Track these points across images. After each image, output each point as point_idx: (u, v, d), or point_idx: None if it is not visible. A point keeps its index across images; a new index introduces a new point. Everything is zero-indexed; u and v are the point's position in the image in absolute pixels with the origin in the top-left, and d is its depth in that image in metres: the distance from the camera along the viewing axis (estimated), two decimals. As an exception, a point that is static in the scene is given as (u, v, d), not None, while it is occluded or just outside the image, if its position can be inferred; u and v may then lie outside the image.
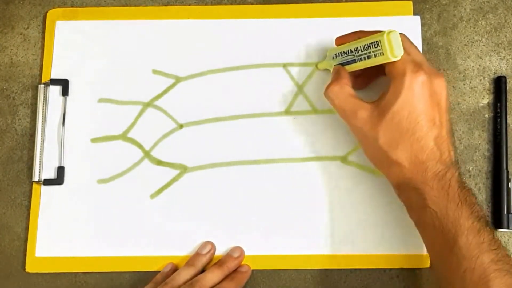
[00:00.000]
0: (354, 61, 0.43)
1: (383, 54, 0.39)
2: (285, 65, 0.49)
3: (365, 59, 0.41)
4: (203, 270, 0.45)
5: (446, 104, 0.40)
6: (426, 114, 0.39)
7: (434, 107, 0.39)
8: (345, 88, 0.42)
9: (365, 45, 0.41)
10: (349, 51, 0.43)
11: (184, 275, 0.43)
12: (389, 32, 0.39)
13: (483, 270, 0.35)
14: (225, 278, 0.44)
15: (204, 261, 0.45)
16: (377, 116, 0.40)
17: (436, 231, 0.38)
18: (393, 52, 0.39)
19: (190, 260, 0.45)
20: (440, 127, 0.39)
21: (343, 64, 0.44)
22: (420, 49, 0.49)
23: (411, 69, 0.39)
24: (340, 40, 0.45)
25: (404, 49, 0.39)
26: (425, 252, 0.45)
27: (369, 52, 0.41)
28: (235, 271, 0.45)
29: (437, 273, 0.40)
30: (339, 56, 0.44)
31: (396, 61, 0.39)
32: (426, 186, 0.39)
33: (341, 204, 0.46)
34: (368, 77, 0.46)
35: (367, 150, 0.43)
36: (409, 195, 0.40)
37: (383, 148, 0.40)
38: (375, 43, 0.40)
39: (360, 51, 0.41)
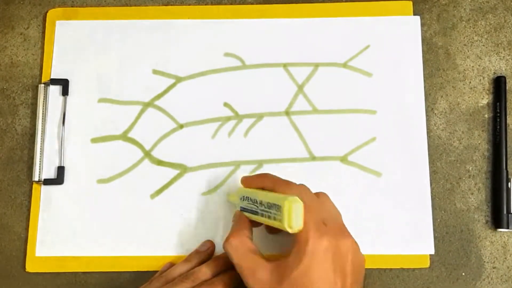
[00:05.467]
0: (257, 213, 0.40)
1: (280, 221, 0.36)
2: (285, 65, 0.49)
3: (266, 217, 0.38)
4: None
5: (352, 267, 0.38)
6: (327, 281, 0.37)
7: (337, 272, 0.37)
8: (245, 242, 0.40)
9: (268, 203, 0.38)
10: (255, 200, 0.40)
11: (180, 269, 0.43)
12: (291, 201, 0.36)
13: None
14: (221, 272, 0.44)
15: (202, 258, 0.45)
16: (276, 280, 0.37)
17: None
18: (291, 223, 0.36)
19: (188, 257, 0.45)
20: None
21: (247, 211, 0.41)
22: (420, 49, 0.49)
23: (314, 234, 0.37)
24: (245, 182, 0.43)
25: (309, 206, 0.37)
26: (425, 252, 0.45)
27: (270, 212, 0.38)
28: (231, 267, 0.45)
29: None
30: (245, 200, 0.41)
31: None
32: None
33: (340, 204, 0.46)
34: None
35: None
36: None
37: None
38: (276, 206, 0.37)
39: (263, 206, 0.39)
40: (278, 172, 0.47)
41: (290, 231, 0.36)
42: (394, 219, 0.46)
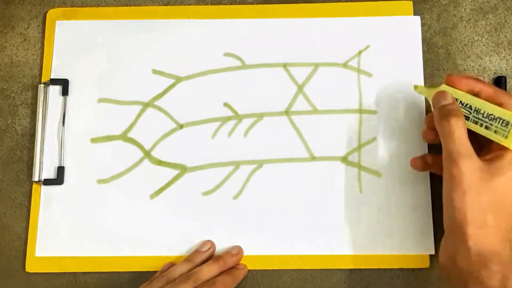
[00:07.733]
0: (467, 118, 0.40)
1: (506, 138, 0.38)
2: (285, 65, 0.49)
3: (481, 125, 0.39)
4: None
5: None
6: None
7: None
8: (464, 127, 0.39)
9: (491, 114, 0.38)
10: (468, 106, 0.40)
11: (180, 269, 0.43)
12: None
13: None
14: (222, 272, 0.44)
15: (203, 258, 0.45)
16: (487, 171, 0.37)
17: None
18: None
19: (189, 257, 0.45)
20: None
21: None
22: (420, 49, 0.49)
23: None
24: (451, 80, 0.41)
25: None
26: (425, 252, 0.45)
27: (491, 124, 0.38)
28: (232, 267, 0.45)
29: None
30: None
31: None
32: None
33: (340, 204, 0.47)
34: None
35: (454, 198, 0.38)
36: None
37: (480, 207, 0.37)
38: (504, 121, 0.38)
39: (480, 114, 0.39)
40: (278, 172, 0.47)
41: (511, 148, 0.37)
42: (395, 219, 0.46)
